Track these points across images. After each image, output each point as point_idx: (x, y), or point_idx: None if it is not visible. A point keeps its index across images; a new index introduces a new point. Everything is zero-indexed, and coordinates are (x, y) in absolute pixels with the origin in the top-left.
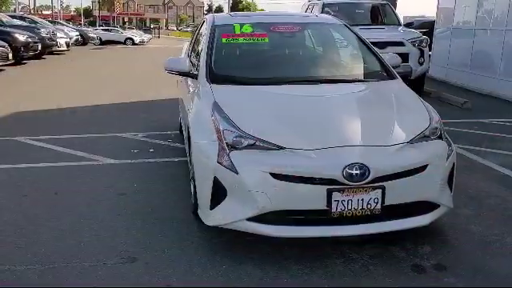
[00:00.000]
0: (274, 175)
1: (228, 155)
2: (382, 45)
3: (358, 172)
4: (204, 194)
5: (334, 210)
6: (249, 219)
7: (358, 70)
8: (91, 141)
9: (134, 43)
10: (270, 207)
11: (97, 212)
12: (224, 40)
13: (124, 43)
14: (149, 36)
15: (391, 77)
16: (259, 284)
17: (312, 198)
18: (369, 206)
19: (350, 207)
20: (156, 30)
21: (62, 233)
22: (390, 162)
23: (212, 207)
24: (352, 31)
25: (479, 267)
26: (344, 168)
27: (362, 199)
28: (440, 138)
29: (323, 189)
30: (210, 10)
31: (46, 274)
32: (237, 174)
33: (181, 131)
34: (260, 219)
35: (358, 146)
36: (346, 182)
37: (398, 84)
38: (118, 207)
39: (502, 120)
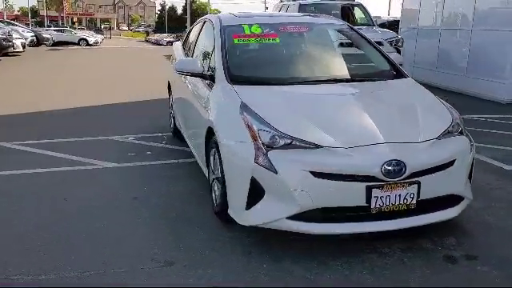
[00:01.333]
0: (315, 173)
1: (266, 155)
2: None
3: (395, 168)
4: (238, 194)
5: (373, 206)
6: (288, 218)
7: (372, 69)
8: (82, 145)
9: (88, 44)
10: (310, 205)
11: (115, 217)
12: (236, 40)
13: (78, 44)
14: (101, 37)
15: (402, 75)
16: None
17: (352, 194)
18: (405, 200)
19: (388, 203)
20: (107, 31)
21: (86, 239)
22: (424, 157)
23: (248, 207)
24: (356, 31)
25: (507, 256)
26: (383, 165)
27: (400, 195)
28: (461, 133)
29: (363, 186)
30: (162, 10)
31: (85, 283)
32: (276, 173)
33: (174, 133)
34: (299, 217)
35: (393, 143)
36: (385, 178)
37: (412, 82)
38: (135, 211)
39: (483, 116)
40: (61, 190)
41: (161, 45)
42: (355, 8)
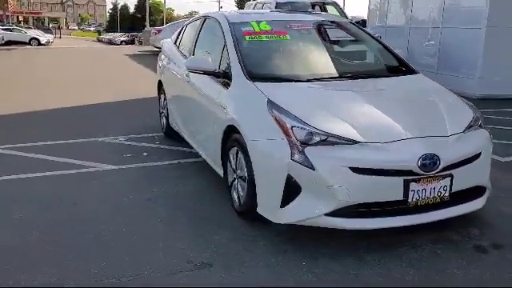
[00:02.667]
0: (354, 169)
1: (302, 152)
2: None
3: (431, 162)
4: (271, 192)
5: (410, 199)
6: (326, 214)
7: (385, 65)
8: (72, 147)
9: (39, 44)
10: (349, 201)
11: (134, 220)
12: (248, 38)
13: (29, 43)
14: (51, 36)
15: (413, 71)
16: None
17: (390, 189)
18: (439, 193)
19: (424, 196)
20: (56, 30)
21: (112, 244)
22: (455, 151)
23: (283, 205)
24: (361, 29)
25: None
26: (419, 159)
27: (435, 188)
28: (481, 126)
29: (400, 180)
30: (114, 9)
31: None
32: (314, 170)
33: (167, 133)
34: (336, 214)
35: (426, 137)
36: (421, 172)
37: (425, 78)
38: (152, 213)
39: None
40: (67, 195)
41: (115, 44)
42: (331, 6)
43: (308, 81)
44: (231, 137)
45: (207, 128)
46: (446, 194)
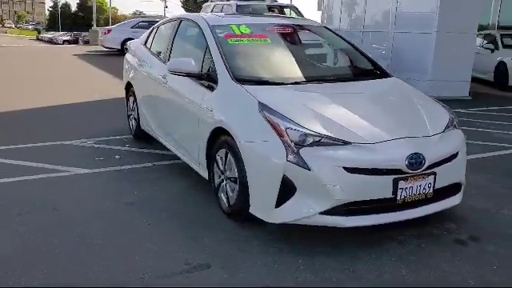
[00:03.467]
0: (348, 169)
1: (297, 153)
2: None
3: (417, 161)
4: (266, 193)
5: (399, 197)
6: (321, 213)
7: (362, 69)
8: (40, 151)
9: None
10: (343, 199)
11: (120, 223)
12: (230, 41)
13: None
14: None
15: (387, 74)
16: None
17: (380, 187)
18: (424, 190)
19: (411, 193)
20: None
21: (103, 249)
22: (437, 150)
23: (278, 205)
24: (337, 34)
25: (504, 234)
26: (406, 158)
27: (420, 185)
28: (455, 127)
29: (390, 178)
30: (55, 7)
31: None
32: (309, 170)
33: (137, 135)
34: (330, 212)
35: (411, 138)
36: (409, 171)
37: (400, 81)
38: (137, 216)
39: None
40: (44, 201)
41: (56, 43)
42: (290, 10)
43: (295, 83)
44: (219, 139)
45: (189, 130)
46: (431, 191)
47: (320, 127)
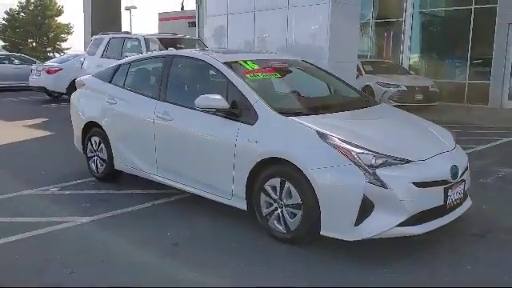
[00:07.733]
0: (416, 183)
1: (374, 174)
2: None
3: (456, 171)
4: (344, 214)
5: (448, 203)
6: (397, 225)
7: (356, 98)
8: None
9: None
10: (414, 211)
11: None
12: (250, 76)
13: None
14: None
15: (375, 102)
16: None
17: (436, 196)
18: (460, 195)
19: (453, 199)
20: None
21: None
22: (462, 161)
23: (357, 223)
24: (319, 68)
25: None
26: (450, 169)
27: (458, 191)
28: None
29: (441, 188)
30: None
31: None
32: (386, 188)
33: (103, 177)
34: (404, 223)
35: (445, 152)
36: (452, 180)
37: (389, 106)
38: (191, 256)
39: None
40: (54, 260)
41: None
42: (196, 43)
43: (324, 113)
44: (267, 169)
45: (216, 165)
46: (462, 195)
47: (383, 149)
